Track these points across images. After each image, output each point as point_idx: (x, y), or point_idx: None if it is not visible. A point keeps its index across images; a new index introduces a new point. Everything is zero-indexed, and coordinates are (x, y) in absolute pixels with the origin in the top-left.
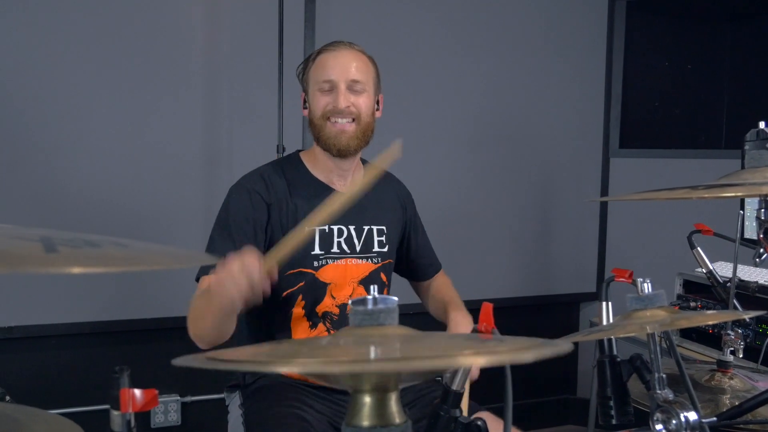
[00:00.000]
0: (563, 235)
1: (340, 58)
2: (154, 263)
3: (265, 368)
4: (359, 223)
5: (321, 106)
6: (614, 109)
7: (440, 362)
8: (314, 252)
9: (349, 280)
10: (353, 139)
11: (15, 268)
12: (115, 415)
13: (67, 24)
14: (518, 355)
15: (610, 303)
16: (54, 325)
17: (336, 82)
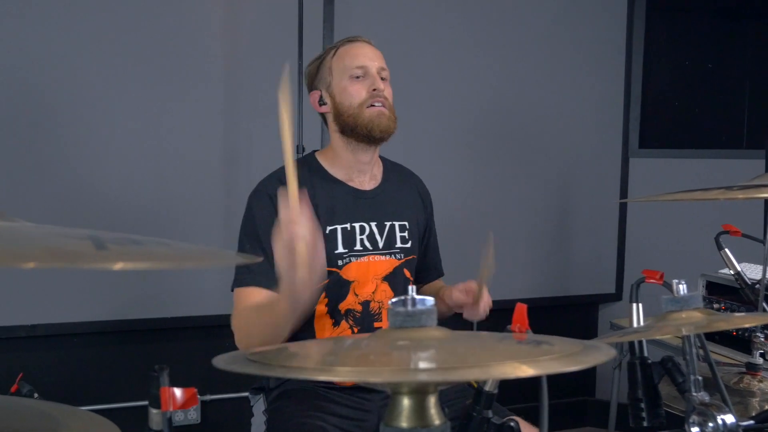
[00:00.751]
0: (582, 235)
1: (366, 47)
2: (198, 261)
3: (308, 375)
4: (381, 220)
5: (357, 94)
6: (634, 108)
7: (485, 372)
8: (338, 251)
9: (372, 276)
10: (390, 120)
11: (72, 264)
12: (154, 413)
13: (88, 25)
14: (564, 365)
15: (640, 304)
16: (76, 324)
17: (369, 68)
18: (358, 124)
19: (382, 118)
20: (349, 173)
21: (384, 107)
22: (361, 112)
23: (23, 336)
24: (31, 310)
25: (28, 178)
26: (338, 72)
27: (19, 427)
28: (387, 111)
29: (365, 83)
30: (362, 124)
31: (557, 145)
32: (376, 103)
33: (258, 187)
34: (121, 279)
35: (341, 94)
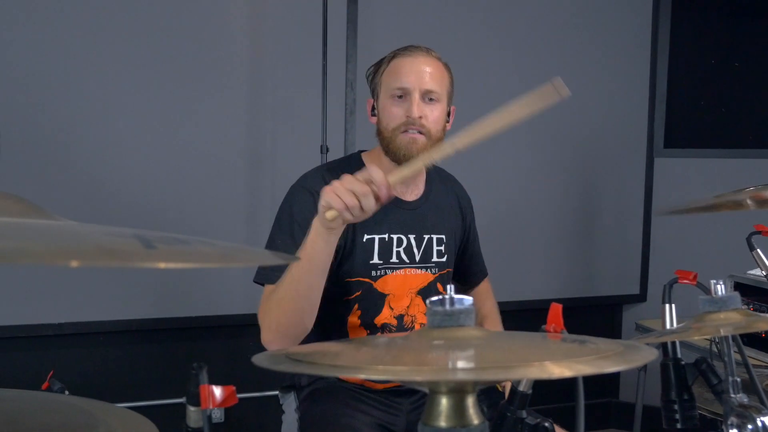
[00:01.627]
0: (606, 235)
1: (415, 64)
2: (245, 260)
3: (347, 373)
4: (420, 233)
5: (393, 117)
6: (659, 108)
7: (525, 372)
8: (373, 261)
9: (408, 290)
10: (423, 150)
11: (124, 263)
12: (192, 411)
13: (112, 26)
14: (602, 366)
15: (673, 305)
16: (102, 322)
17: (410, 91)
18: (390, 149)
19: (413, 147)
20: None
21: (420, 134)
22: (394, 137)
23: (51, 334)
24: (59, 308)
25: (53, 178)
26: (384, 87)
27: (58, 422)
28: (422, 138)
29: (403, 106)
30: (393, 150)
31: (581, 145)
32: (410, 130)
33: (300, 181)
34: (146, 278)
35: (382, 112)
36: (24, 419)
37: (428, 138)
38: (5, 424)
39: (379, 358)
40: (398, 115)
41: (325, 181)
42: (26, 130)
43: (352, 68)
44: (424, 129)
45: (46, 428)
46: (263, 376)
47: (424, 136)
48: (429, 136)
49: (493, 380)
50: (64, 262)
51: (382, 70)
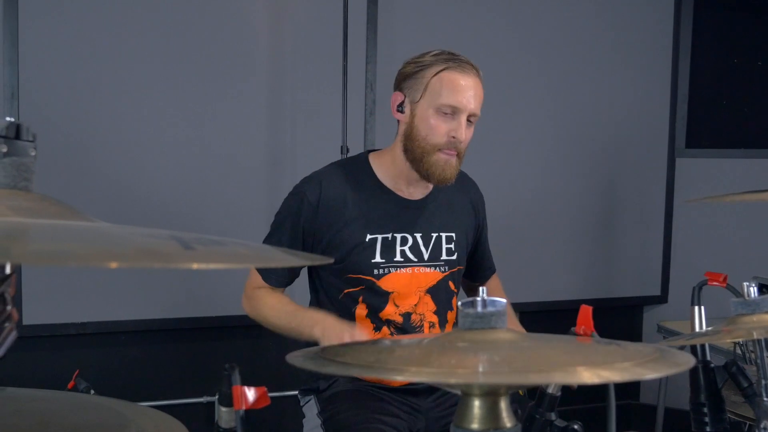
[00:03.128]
0: (627, 236)
1: (469, 84)
2: (281, 261)
3: (378, 375)
4: (427, 231)
5: (437, 133)
6: (680, 107)
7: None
8: (374, 260)
9: (416, 289)
10: (455, 171)
11: (164, 264)
12: (223, 411)
13: (133, 28)
14: (638, 372)
15: (703, 307)
16: (124, 322)
17: (461, 111)
18: (423, 162)
19: (447, 168)
20: (397, 182)
21: (455, 156)
22: (431, 152)
23: (74, 333)
24: (81, 307)
25: (75, 180)
26: (431, 95)
27: (89, 422)
28: (455, 161)
29: (449, 125)
30: (426, 163)
31: (602, 145)
32: (449, 152)
33: (298, 185)
34: (168, 278)
35: (422, 121)
36: (55, 419)
37: (459, 160)
38: (37, 424)
39: (412, 359)
40: (443, 133)
41: (320, 184)
42: (57, 133)
43: (372, 69)
44: (460, 153)
45: (77, 428)
46: (283, 375)
47: (458, 158)
48: (460, 157)
49: (528, 384)
50: (105, 264)
51: (430, 76)
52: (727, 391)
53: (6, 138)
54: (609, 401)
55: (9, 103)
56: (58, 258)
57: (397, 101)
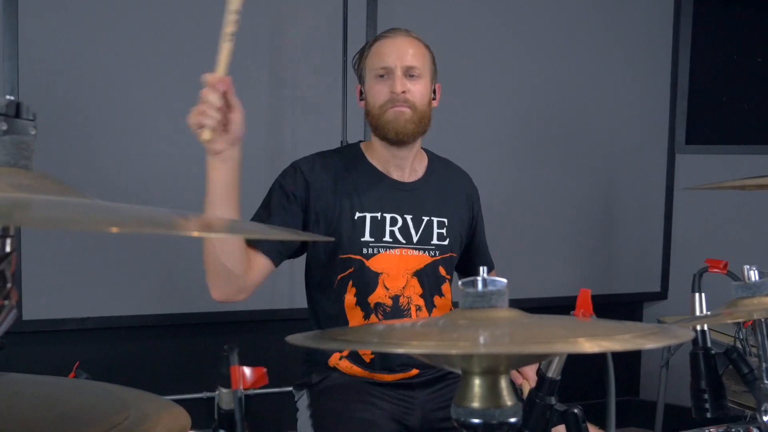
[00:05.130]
0: (627, 232)
1: (396, 44)
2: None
3: (380, 348)
4: (418, 214)
5: (379, 95)
6: (680, 103)
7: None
8: (364, 238)
9: (403, 271)
10: (410, 122)
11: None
12: (224, 393)
13: (131, 23)
14: (639, 342)
15: (703, 294)
16: (124, 317)
17: (392, 69)
18: (379, 126)
19: (399, 120)
20: (386, 167)
21: (405, 107)
22: (381, 114)
23: (74, 328)
24: (81, 303)
25: (73, 175)
26: (368, 70)
27: (91, 405)
28: (408, 111)
29: (387, 84)
30: (381, 126)
31: (602, 141)
32: (396, 105)
33: (297, 160)
34: (168, 274)
35: (368, 93)
36: (59, 402)
37: (414, 111)
38: (41, 406)
39: (414, 335)
40: (383, 93)
41: (313, 162)
42: (56, 129)
43: None
44: (409, 102)
45: (79, 410)
46: (281, 371)
47: (410, 109)
48: (414, 108)
49: (529, 355)
50: (106, 229)
51: (365, 55)
52: (727, 381)
53: (6, 116)
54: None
55: None
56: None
57: (358, 92)
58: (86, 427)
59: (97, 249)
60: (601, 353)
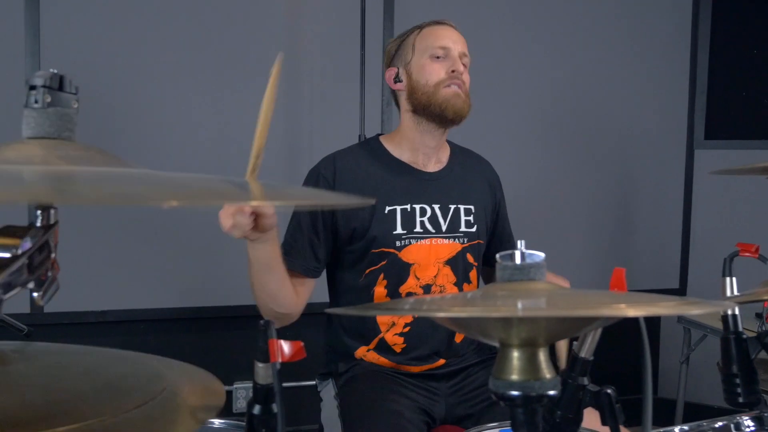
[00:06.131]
0: (645, 228)
1: (451, 31)
2: (332, 200)
3: (423, 313)
4: (445, 202)
5: (436, 73)
6: (699, 98)
7: (602, 311)
8: (396, 231)
9: (434, 260)
10: (465, 104)
11: (228, 200)
12: (260, 367)
13: (152, 20)
14: (683, 308)
15: (734, 278)
16: (143, 310)
17: (451, 50)
18: (432, 103)
19: (458, 99)
20: (413, 156)
21: (460, 90)
22: (437, 91)
23: (93, 321)
24: (101, 296)
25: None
26: (420, 50)
27: (130, 374)
28: (463, 94)
29: (445, 64)
30: (436, 103)
31: (621, 136)
32: (453, 85)
33: (315, 166)
34: (188, 267)
35: (419, 72)
36: (100, 372)
37: (466, 96)
38: (84, 375)
39: (455, 303)
40: (440, 71)
41: (333, 164)
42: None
43: None
44: (464, 86)
45: (121, 379)
46: (300, 366)
47: (464, 93)
48: (467, 94)
49: (572, 320)
50: (166, 203)
51: (412, 38)
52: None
53: (50, 88)
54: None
55: None
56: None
57: (392, 75)
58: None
59: (117, 242)
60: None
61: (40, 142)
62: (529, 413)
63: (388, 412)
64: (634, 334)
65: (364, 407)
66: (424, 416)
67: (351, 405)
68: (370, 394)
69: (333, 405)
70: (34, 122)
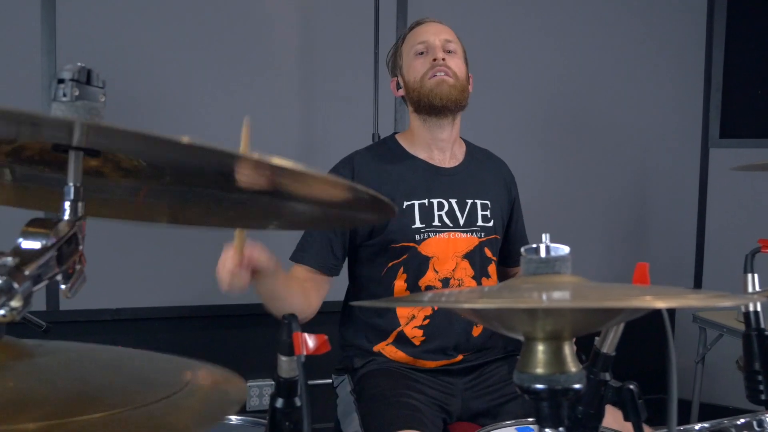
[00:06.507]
0: (660, 228)
1: (432, 25)
2: None
3: (447, 305)
4: (462, 197)
5: (420, 67)
6: (714, 97)
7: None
8: (415, 225)
9: (452, 254)
10: (453, 89)
11: None
12: (283, 360)
13: (168, 18)
14: (713, 301)
15: (756, 275)
16: (157, 308)
17: (431, 42)
18: (421, 96)
19: (443, 86)
20: (428, 152)
21: (446, 75)
22: (423, 84)
23: (109, 319)
24: (116, 294)
25: None
26: (406, 53)
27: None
28: (450, 78)
29: (427, 57)
30: (424, 95)
31: (635, 135)
32: (437, 73)
33: (334, 167)
34: (202, 264)
35: (408, 72)
36: (121, 368)
37: (455, 79)
38: (107, 371)
39: (481, 294)
40: (423, 65)
41: (352, 164)
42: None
43: None
44: (451, 71)
45: (143, 374)
46: (314, 364)
47: (452, 77)
48: (456, 77)
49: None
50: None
51: (400, 44)
52: None
53: (78, 82)
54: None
55: (47, 92)
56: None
57: (394, 84)
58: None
59: (132, 240)
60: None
61: None
62: (555, 407)
63: (405, 407)
64: (652, 333)
65: (380, 402)
66: (440, 412)
67: (368, 400)
68: (386, 388)
69: (349, 400)
70: (62, 115)
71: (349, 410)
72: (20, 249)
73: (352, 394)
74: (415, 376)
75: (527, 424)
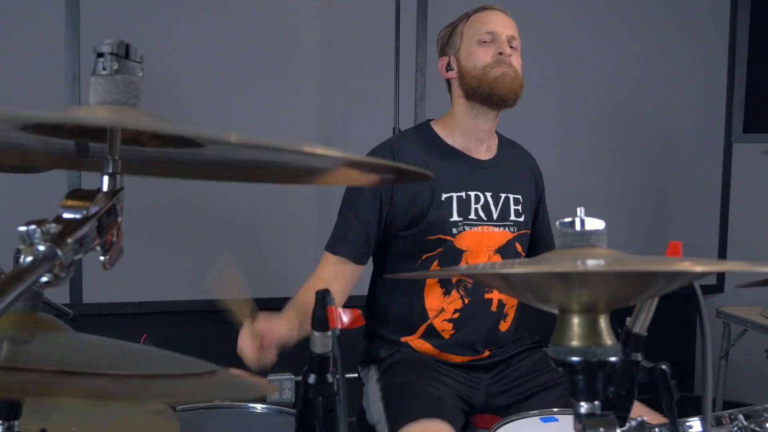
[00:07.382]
0: (682, 223)
1: (498, 15)
2: None
3: (483, 271)
4: (496, 191)
5: (483, 56)
6: (738, 92)
7: (669, 267)
8: (453, 219)
9: (486, 248)
10: (516, 82)
11: None
12: (316, 336)
13: (190, 14)
14: (754, 267)
15: None
16: (179, 302)
17: (498, 34)
18: (482, 84)
19: (506, 78)
20: (466, 142)
21: (510, 69)
22: (485, 74)
23: (132, 312)
24: (139, 287)
25: None
26: (468, 37)
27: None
28: (512, 73)
29: (492, 48)
30: (486, 83)
31: (659, 130)
32: (502, 66)
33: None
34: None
35: (467, 57)
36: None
37: (516, 75)
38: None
39: (514, 264)
40: (487, 55)
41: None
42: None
43: (422, 53)
44: (512, 68)
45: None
46: None
47: (514, 73)
48: (516, 74)
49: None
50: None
51: (461, 26)
52: None
53: (117, 56)
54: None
55: (71, 87)
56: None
57: (444, 64)
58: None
59: (155, 233)
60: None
61: (107, 108)
62: (590, 380)
63: (429, 397)
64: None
65: (405, 391)
66: (463, 404)
67: (392, 388)
68: (411, 378)
69: (375, 389)
70: (102, 89)
71: (374, 399)
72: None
73: (378, 383)
74: (440, 368)
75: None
